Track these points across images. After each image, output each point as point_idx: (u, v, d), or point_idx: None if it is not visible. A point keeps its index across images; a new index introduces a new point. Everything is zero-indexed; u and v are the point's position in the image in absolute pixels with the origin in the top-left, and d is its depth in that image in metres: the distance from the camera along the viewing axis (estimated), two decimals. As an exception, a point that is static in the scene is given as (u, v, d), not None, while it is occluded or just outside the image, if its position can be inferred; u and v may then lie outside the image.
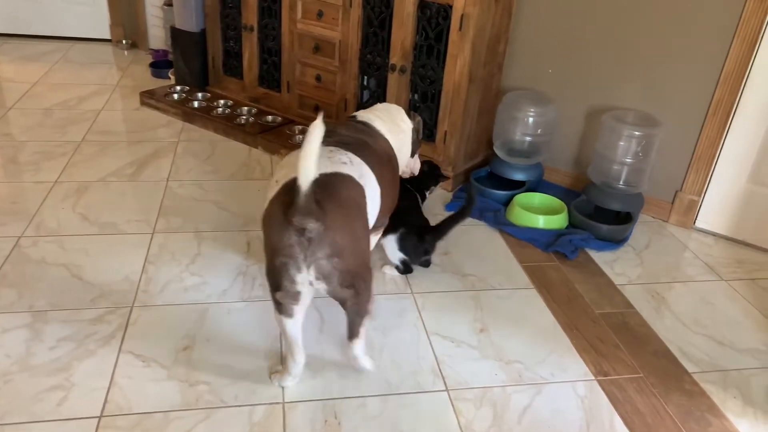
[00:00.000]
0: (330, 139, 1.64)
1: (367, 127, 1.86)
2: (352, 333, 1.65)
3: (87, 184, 2.63)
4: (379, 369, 1.77)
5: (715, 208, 2.64)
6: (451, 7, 2.54)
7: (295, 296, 1.50)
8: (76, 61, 4.22)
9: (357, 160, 1.63)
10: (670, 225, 2.73)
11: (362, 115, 1.93)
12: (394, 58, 2.79)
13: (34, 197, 2.49)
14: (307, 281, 1.45)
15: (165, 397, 1.62)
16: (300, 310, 1.55)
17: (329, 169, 1.53)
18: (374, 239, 1.95)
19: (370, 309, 1.63)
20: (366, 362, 1.72)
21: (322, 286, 1.48)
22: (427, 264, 2.24)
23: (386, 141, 1.87)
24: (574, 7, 2.69)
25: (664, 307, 2.17)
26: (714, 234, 2.67)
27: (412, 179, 2.25)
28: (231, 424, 1.56)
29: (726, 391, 1.80)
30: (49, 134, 3.07)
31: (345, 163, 1.58)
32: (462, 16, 2.52)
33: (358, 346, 1.68)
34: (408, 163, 2.07)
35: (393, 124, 1.92)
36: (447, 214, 2.38)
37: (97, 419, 1.53)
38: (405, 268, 2.18)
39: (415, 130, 1.97)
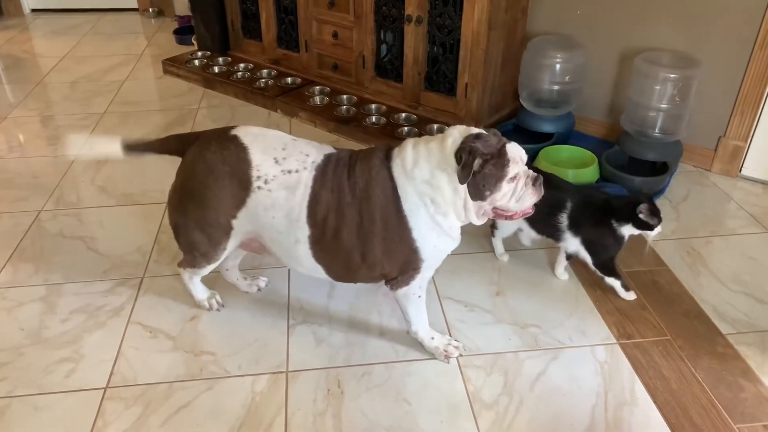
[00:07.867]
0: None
1: (379, 172, 1.47)
2: None
3: (106, 155, 2.63)
4: (386, 336, 1.72)
5: (764, 154, 2.42)
6: (465, -52, 2.37)
7: None
8: (104, 33, 4.24)
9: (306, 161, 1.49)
10: (712, 174, 2.52)
11: (398, 154, 1.47)
12: (410, 9, 2.64)
13: (56, 171, 2.52)
14: None
15: (170, 367, 1.61)
16: None
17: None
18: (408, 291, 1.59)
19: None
20: None
21: None
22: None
23: (388, 192, 1.46)
24: (603, -61, 2.46)
25: (700, 263, 2.01)
26: (762, 182, 2.45)
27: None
28: (234, 393, 1.54)
29: (764, 354, 1.66)
30: (74, 107, 3.09)
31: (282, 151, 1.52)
32: (477, -42, 2.34)
33: None
34: (484, 208, 1.48)
35: (430, 175, 1.44)
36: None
37: (102, 390, 1.55)
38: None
39: (463, 175, 1.38)
